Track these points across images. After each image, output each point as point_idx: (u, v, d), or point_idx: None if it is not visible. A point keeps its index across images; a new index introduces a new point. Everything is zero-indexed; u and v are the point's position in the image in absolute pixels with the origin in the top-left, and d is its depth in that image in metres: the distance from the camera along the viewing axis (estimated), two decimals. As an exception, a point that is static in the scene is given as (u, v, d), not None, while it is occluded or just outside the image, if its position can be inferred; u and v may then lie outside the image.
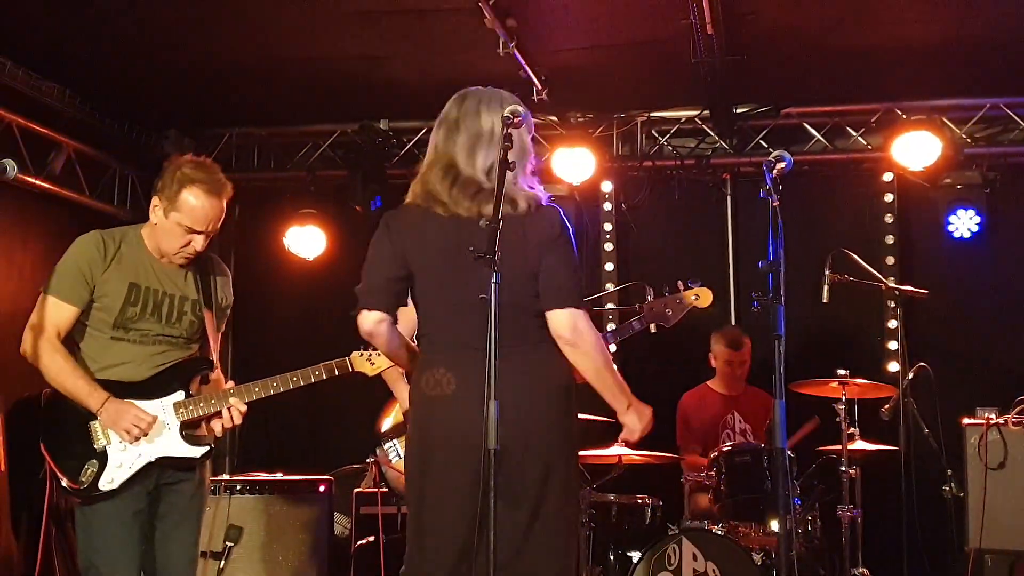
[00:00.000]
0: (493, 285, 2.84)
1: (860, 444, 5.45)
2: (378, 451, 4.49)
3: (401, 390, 4.34)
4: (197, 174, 3.74)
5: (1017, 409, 4.24)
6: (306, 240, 7.23)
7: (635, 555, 5.17)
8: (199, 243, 3.77)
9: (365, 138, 7.11)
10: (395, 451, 4.39)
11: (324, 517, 5.74)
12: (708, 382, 6.47)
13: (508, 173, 2.98)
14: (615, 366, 3.35)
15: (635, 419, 3.36)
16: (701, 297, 4.23)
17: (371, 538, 5.64)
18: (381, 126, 7.08)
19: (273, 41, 5.98)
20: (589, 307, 3.27)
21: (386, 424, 4.58)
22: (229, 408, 3.79)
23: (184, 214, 3.72)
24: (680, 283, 4.19)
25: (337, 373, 4.00)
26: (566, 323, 3.17)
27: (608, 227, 7.25)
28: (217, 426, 3.83)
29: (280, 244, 7.29)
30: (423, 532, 3.17)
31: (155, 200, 3.77)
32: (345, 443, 6.57)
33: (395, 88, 6.61)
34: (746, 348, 6.31)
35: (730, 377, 6.33)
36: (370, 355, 3.94)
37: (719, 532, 5.18)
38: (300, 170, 7.41)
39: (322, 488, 5.70)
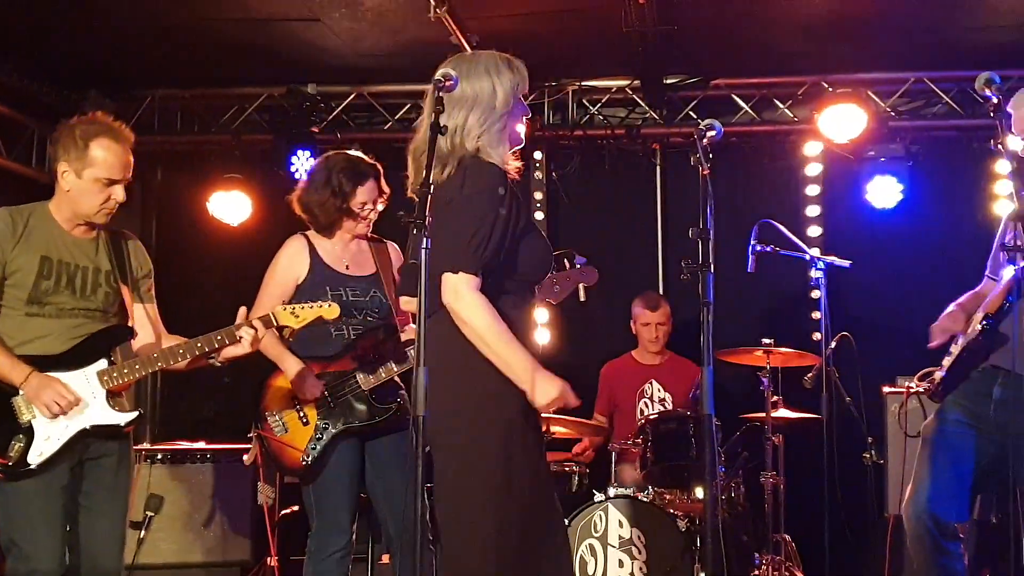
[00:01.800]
0: (423, 251, 2.80)
1: (783, 412, 5.54)
2: (263, 424, 4.28)
3: (288, 361, 4.22)
4: (98, 127, 3.71)
5: (918, 376, 4.32)
6: (231, 206, 7.11)
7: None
8: (119, 194, 3.73)
9: (292, 102, 6.99)
10: (279, 424, 4.25)
11: (247, 486, 5.68)
12: (632, 352, 6.53)
13: (440, 138, 3.00)
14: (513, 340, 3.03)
15: (538, 397, 3.09)
16: (586, 275, 4.26)
17: (295, 507, 5.59)
18: (309, 90, 6.95)
19: (198, 0, 5.83)
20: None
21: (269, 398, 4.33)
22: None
23: (99, 167, 3.68)
24: (566, 260, 4.20)
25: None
26: (444, 289, 3.00)
27: (539, 196, 7.25)
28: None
29: (204, 209, 7.15)
30: None
31: (62, 167, 3.70)
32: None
33: (324, 52, 6.50)
34: (663, 311, 6.36)
35: (649, 343, 6.38)
36: (293, 308, 3.85)
37: (645, 499, 5.23)
38: (225, 134, 7.25)
39: (245, 457, 5.62)
